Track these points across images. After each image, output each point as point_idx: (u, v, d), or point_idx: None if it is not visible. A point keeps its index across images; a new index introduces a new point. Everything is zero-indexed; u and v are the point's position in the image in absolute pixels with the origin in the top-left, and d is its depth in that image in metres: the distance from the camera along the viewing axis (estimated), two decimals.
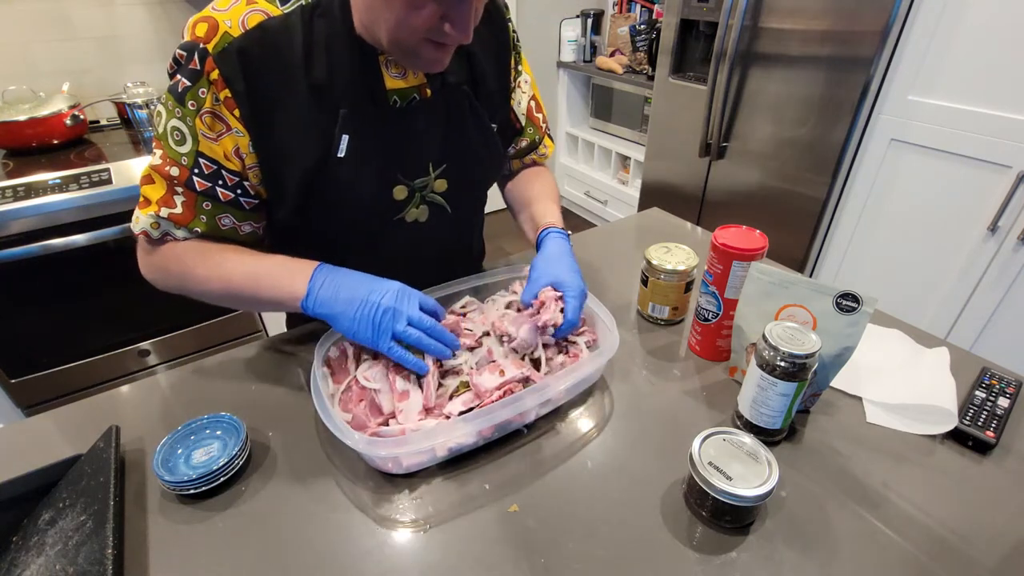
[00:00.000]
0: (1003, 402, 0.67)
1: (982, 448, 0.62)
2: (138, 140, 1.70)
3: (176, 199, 0.65)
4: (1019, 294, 1.46)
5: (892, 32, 1.48)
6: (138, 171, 1.49)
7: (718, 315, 0.73)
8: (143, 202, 0.66)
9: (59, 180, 1.40)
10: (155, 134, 0.65)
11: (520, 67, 0.85)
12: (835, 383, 0.70)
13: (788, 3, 1.66)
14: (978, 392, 0.68)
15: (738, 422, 0.65)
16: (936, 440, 0.64)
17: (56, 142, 1.62)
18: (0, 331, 1.46)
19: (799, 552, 0.52)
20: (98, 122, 1.86)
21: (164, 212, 0.65)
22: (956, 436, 0.64)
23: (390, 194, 0.72)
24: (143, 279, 0.72)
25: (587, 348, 0.72)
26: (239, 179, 0.66)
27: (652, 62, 2.45)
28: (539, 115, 0.90)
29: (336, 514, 0.57)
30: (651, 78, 2.39)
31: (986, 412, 0.65)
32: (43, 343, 1.54)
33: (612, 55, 2.85)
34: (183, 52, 0.60)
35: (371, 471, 0.61)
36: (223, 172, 0.65)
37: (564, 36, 2.95)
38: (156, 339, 1.71)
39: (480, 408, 0.59)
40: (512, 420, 0.62)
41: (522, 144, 0.90)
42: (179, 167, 0.64)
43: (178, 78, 0.61)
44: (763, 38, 1.76)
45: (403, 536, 0.55)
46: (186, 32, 0.60)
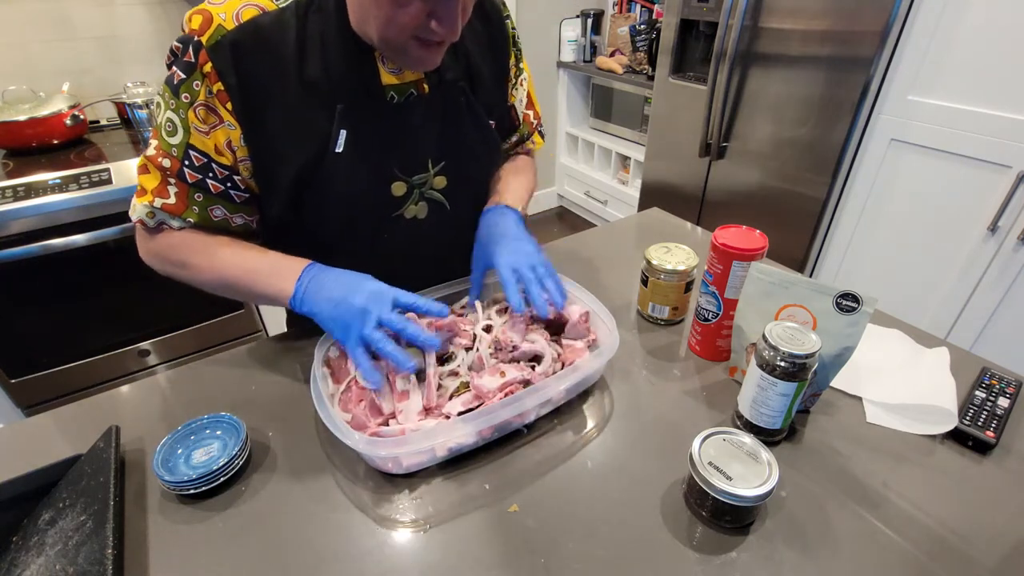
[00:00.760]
0: (1003, 402, 0.67)
1: (982, 448, 0.62)
2: (138, 140, 1.70)
3: (169, 189, 0.66)
4: (1019, 294, 1.46)
5: (892, 32, 1.48)
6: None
7: (718, 315, 0.73)
8: (140, 191, 0.67)
9: (59, 180, 1.40)
10: (154, 124, 0.66)
11: (520, 65, 0.85)
12: (835, 383, 0.70)
13: (788, 3, 1.66)
14: (978, 392, 0.68)
15: (738, 422, 0.65)
16: (936, 440, 0.64)
17: (56, 142, 1.62)
18: (0, 331, 1.46)
19: (799, 552, 0.52)
20: (98, 122, 1.86)
21: (158, 202, 0.66)
22: (956, 436, 0.64)
23: (388, 190, 0.72)
24: (143, 279, 0.72)
25: (587, 348, 0.72)
26: (229, 173, 0.67)
27: (652, 62, 2.44)
28: (530, 111, 0.90)
29: (336, 514, 0.57)
30: (651, 78, 2.39)
31: (986, 412, 0.65)
32: (43, 343, 1.54)
33: (612, 55, 2.85)
34: (179, 44, 0.60)
35: (371, 471, 0.61)
36: (213, 165, 0.65)
37: (564, 36, 2.95)
38: (156, 339, 1.71)
39: (480, 408, 0.59)
40: (512, 421, 0.62)
41: (512, 139, 0.91)
42: (170, 159, 0.65)
43: (173, 70, 0.61)
44: (763, 38, 1.76)
45: (403, 536, 0.55)
46: (183, 24, 0.60)
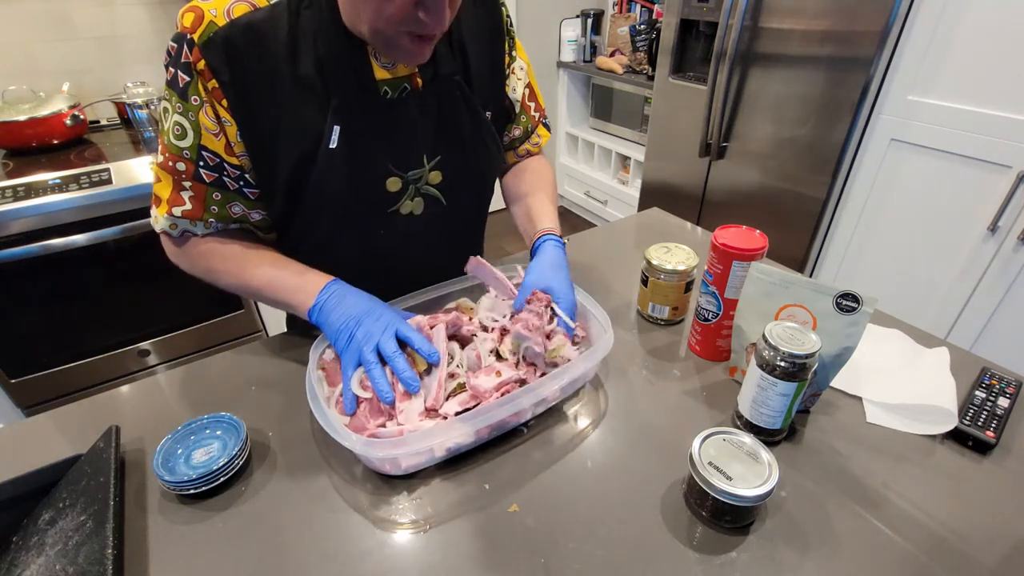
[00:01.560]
0: (1003, 402, 0.67)
1: (982, 448, 0.62)
2: (138, 140, 1.70)
3: (183, 195, 0.67)
4: (1019, 294, 1.46)
5: (892, 32, 1.48)
6: (138, 171, 1.49)
7: (718, 315, 0.73)
8: (155, 200, 0.69)
9: (59, 180, 1.40)
10: (160, 131, 0.66)
11: (514, 52, 0.83)
12: (835, 383, 0.70)
13: (788, 3, 1.66)
14: (978, 392, 0.68)
15: (738, 422, 0.65)
16: (936, 440, 0.64)
17: (56, 142, 1.62)
18: (0, 331, 1.46)
19: (799, 552, 0.52)
20: (98, 122, 1.86)
21: (177, 211, 0.67)
22: (956, 436, 0.64)
23: (383, 186, 0.72)
24: (143, 279, 0.73)
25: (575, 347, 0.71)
26: (240, 171, 0.68)
27: (652, 62, 2.44)
28: (532, 103, 0.89)
29: (336, 514, 0.57)
30: (651, 78, 2.39)
31: (986, 412, 0.65)
32: (43, 343, 1.54)
33: (612, 55, 2.85)
34: (174, 44, 0.60)
35: (371, 471, 0.61)
36: (225, 164, 0.66)
37: (564, 36, 2.95)
38: (156, 339, 1.71)
39: (476, 408, 0.59)
40: (508, 420, 0.62)
41: (515, 133, 0.90)
42: (184, 161, 0.65)
43: (173, 71, 0.61)
44: (763, 38, 1.76)
45: (403, 536, 0.55)
46: (177, 22, 0.61)
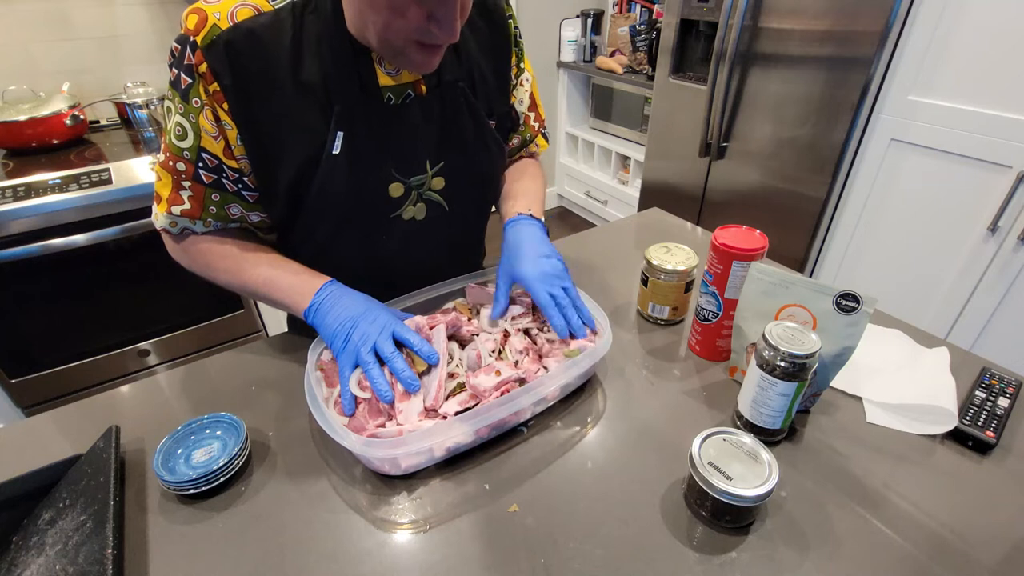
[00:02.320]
0: (1003, 402, 0.67)
1: (982, 448, 0.62)
2: (138, 140, 1.70)
3: (183, 194, 0.67)
4: (1019, 294, 1.46)
5: (892, 32, 1.48)
6: (138, 171, 1.49)
7: (718, 315, 0.73)
8: (156, 197, 0.69)
9: (59, 180, 1.40)
10: (163, 129, 0.67)
11: (522, 64, 0.84)
12: (835, 383, 0.70)
13: (788, 3, 1.66)
14: (978, 392, 0.68)
15: (738, 422, 0.65)
16: (936, 440, 0.64)
17: (56, 142, 1.62)
18: (0, 331, 1.46)
19: (799, 552, 0.52)
20: (98, 122, 1.86)
21: (176, 210, 0.68)
22: (956, 436, 0.64)
23: (386, 191, 0.72)
24: (143, 279, 0.73)
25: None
26: (239, 174, 0.68)
27: (652, 62, 2.44)
28: (533, 113, 0.90)
29: (336, 514, 0.57)
30: (651, 78, 2.38)
31: (986, 412, 0.65)
32: (43, 343, 1.54)
33: (612, 55, 2.84)
34: (177, 45, 0.61)
35: (371, 472, 0.61)
36: (224, 167, 0.66)
37: (564, 36, 2.95)
38: (156, 339, 1.71)
39: (476, 408, 0.59)
40: (508, 419, 0.62)
41: (514, 142, 0.91)
42: (184, 162, 0.65)
43: (175, 72, 0.61)
44: (763, 38, 1.76)
45: (403, 536, 0.55)
46: (181, 23, 0.61)
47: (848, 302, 0.60)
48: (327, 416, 0.57)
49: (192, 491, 0.57)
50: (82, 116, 1.64)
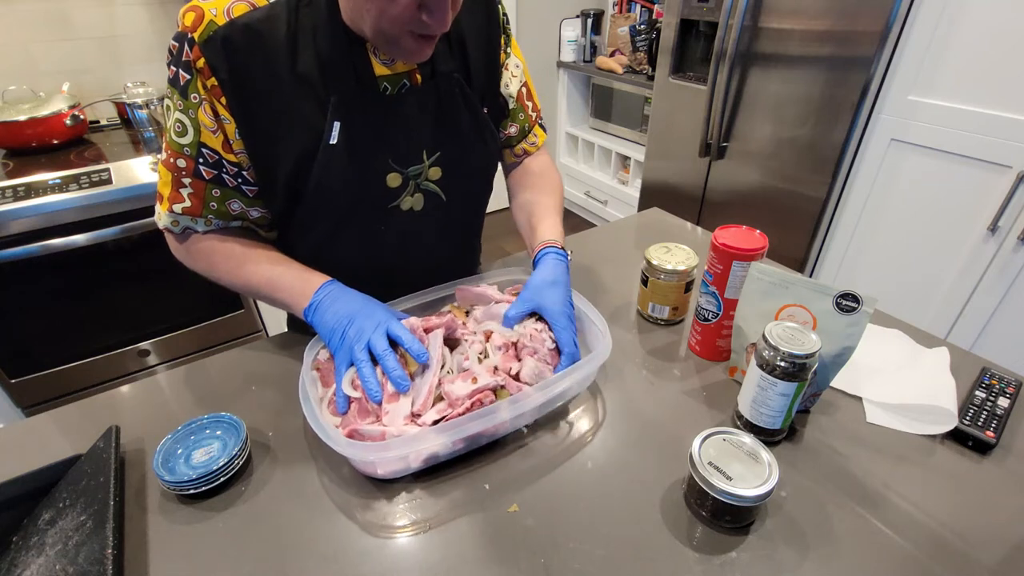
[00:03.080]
0: (1003, 402, 0.67)
1: (982, 448, 0.62)
2: (138, 140, 1.70)
3: (183, 192, 0.68)
4: (1019, 294, 1.45)
5: (892, 32, 1.48)
6: (138, 171, 1.49)
7: (718, 315, 0.73)
8: (159, 197, 0.70)
9: (59, 180, 1.40)
10: (164, 128, 0.67)
11: (509, 49, 0.83)
12: (835, 383, 0.70)
13: (788, 3, 1.66)
14: (978, 392, 0.68)
15: (738, 422, 0.65)
16: (936, 440, 0.64)
17: (56, 142, 1.62)
18: (0, 331, 1.46)
19: (799, 552, 0.52)
20: (98, 122, 1.86)
21: (177, 208, 0.68)
22: (956, 436, 0.64)
23: (383, 181, 0.72)
24: (143, 279, 0.73)
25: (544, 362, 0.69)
26: (238, 169, 0.68)
27: (652, 62, 2.44)
28: (529, 103, 0.89)
29: (336, 514, 0.57)
30: (651, 78, 2.38)
31: (986, 412, 0.65)
32: (43, 343, 1.54)
33: (612, 55, 2.84)
34: (175, 43, 0.61)
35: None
36: (224, 162, 0.67)
37: (564, 36, 2.95)
38: (156, 339, 1.71)
39: (450, 419, 0.58)
40: (484, 433, 0.60)
41: (511, 131, 0.89)
42: (185, 159, 0.66)
43: (174, 70, 0.62)
44: (763, 38, 1.76)
45: (403, 536, 0.55)
46: (178, 20, 0.61)
47: (848, 302, 0.60)
48: (318, 417, 0.57)
49: (192, 491, 0.57)
50: (82, 116, 1.64)
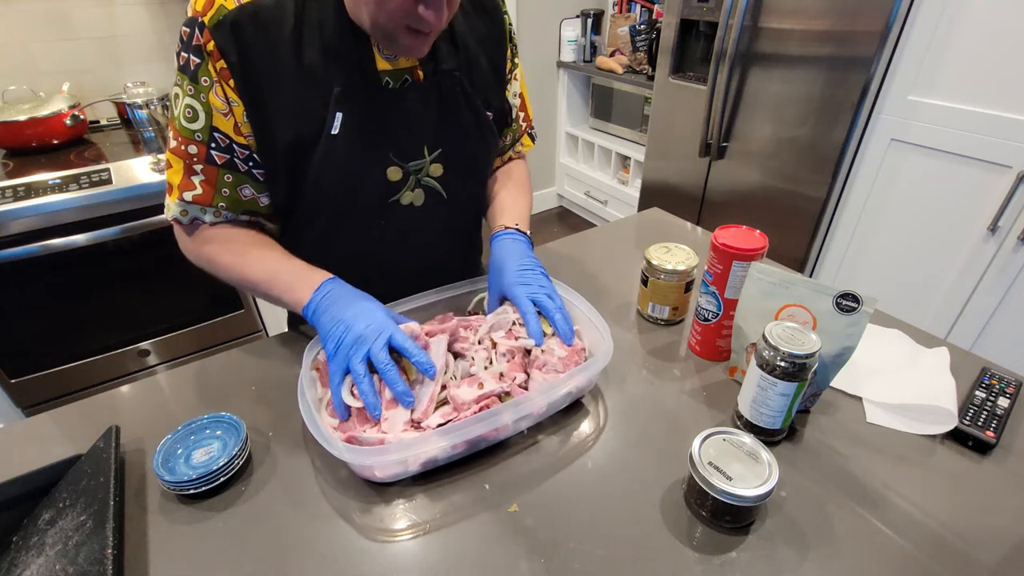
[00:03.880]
0: (1003, 402, 0.67)
1: (982, 448, 0.62)
2: (138, 140, 1.70)
3: (194, 179, 0.68)
4: (1019, 294, 1.46)
5: (892, 32, 1.48)
6: (138, 171, 1.49)
7: (718, 315, 0.73)
8: (168, 188, 0.69)
9: (59, 180, 1.40)
10: (170, 117, 0.67)
11: (516, 59, 0.85)
12: (835, 383, 0.70)
13: (788, 3, 1.66)
14: (978, 392, 0.68)
15: (738, 422, 0.65)
16: (936, 440, 0.64)
17: (56, 142, 1.62)
18: (0, 331, 1.46)
19: (799, 552, 0.52)
20: (98, 122, 1.86)
21: (188, 195, 0.68)
22: (956, 436, 0.64)
23: (384, 174, 0.73)
24: (143, 279, 0.73)
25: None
26: (249, 152, 0.68)
27: (652, 62, 2.44)
28: (522, 112, 0.91)
29: (336, 514, 0.57)
30: (651, 78, 2.38)
31: (986, 412, 0.65)
32: (43, 343, 1.54)
33: (612, 55, 2.84)
34: (186, 28, 0.61)
35: None
36: (235, 145, 0.67)
37: (564, 36, 2.95)
38: (156, 339, 1.71)
39: (453, 423, 0.58)
40: (486, 436, 0.60)
41: (506, 140, 0.91)
42: (196, 144, 0.66)
43: (185, 56, 0.62)
44: (763, 38, 1.76)
45: (403, 537, 0.55)
46: (188, 7, 0.62)
47: (848, 302, 0.60)
48: (316, 420, 0.56)
49: (192, 491, 0.57)
50: (82, 116, 1.64)
